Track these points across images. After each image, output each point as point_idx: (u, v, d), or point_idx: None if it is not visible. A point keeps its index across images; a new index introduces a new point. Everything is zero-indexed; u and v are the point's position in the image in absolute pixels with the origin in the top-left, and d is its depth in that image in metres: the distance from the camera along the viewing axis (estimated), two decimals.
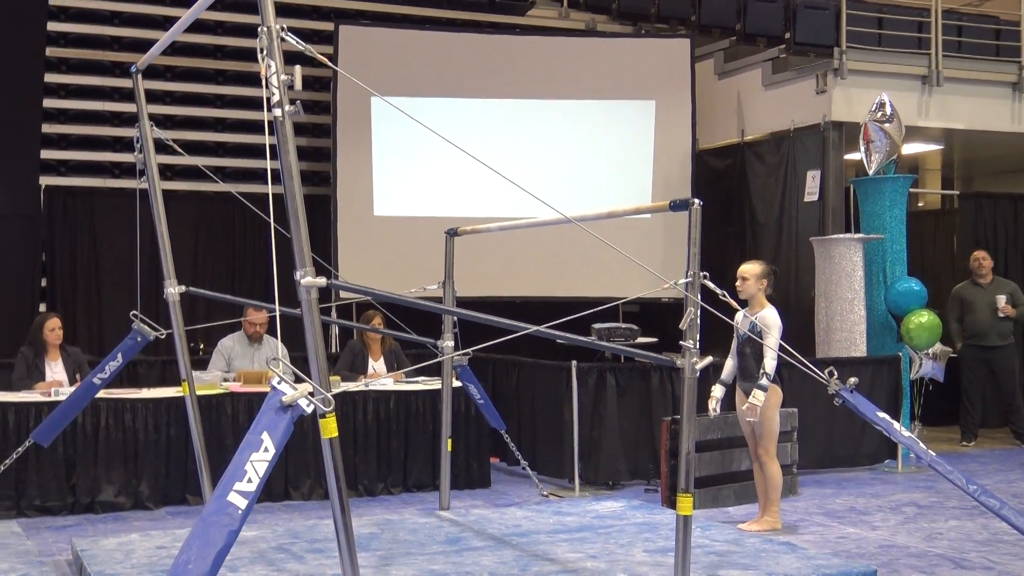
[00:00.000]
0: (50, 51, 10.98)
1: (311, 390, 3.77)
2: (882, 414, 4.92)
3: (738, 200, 12.51)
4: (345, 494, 4.01)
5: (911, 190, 10.99)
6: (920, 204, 15.37)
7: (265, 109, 4.11)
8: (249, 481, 3.50)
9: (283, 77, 4.14)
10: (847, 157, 11.60)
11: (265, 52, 4.11)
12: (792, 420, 8.56)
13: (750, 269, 7.16)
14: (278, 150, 4.15)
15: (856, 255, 10.18)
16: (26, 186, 10.78)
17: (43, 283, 10.93)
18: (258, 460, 3.55)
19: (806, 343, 10.56)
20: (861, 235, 10.35)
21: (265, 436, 3.60)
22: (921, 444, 5.14)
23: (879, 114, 10.38)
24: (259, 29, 4.13)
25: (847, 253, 10.18)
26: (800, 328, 10.99)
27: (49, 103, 10.97)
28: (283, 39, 4.16)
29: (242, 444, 3.59)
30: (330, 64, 4.51)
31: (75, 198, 11.05)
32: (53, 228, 10.95)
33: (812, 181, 11.50)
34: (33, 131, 10.83)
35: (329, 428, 4.00)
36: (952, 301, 11.27)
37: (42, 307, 10.50)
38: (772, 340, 6.74)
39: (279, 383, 3.71)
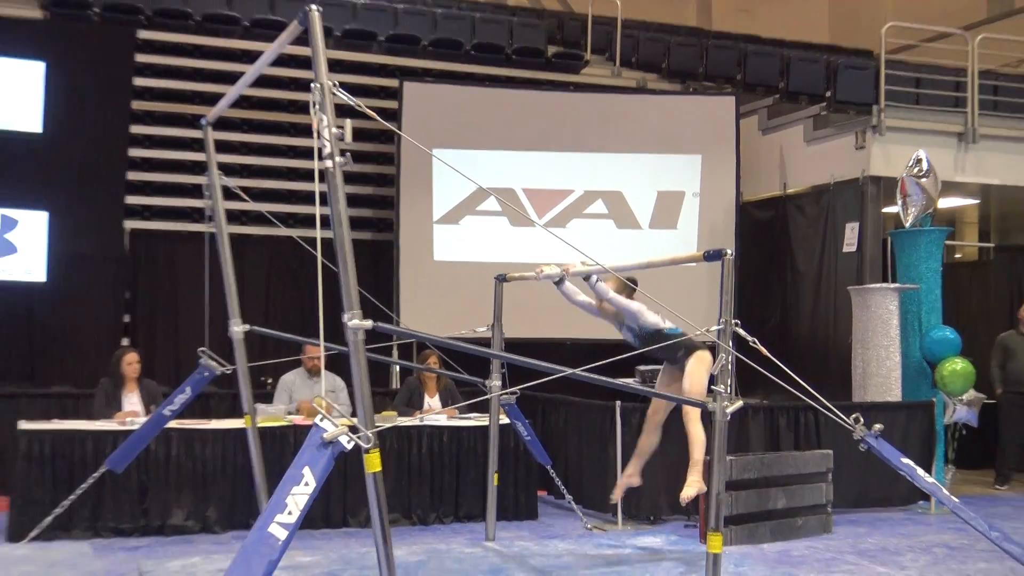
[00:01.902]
0: (136, 104, 11.17)
1: (352, 427, 3.73)
2: (906, 460, 4.79)
3: (780, 250, 12.37)
4: (387, 525, 3.96)
5: (947, 242, 10.80)
6: (957, 256, 15.09)
7: (316, 159, 4.10)
8: (290, 513, 3.47)
9: (334, 130, 4.13)
10: (885, 210, 11.43)
11: (318, 106, 4.11)
12: (827, 461, 8.39)
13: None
14: (328, 198, 4.13)
15: (892, 304, 9.99)
16: (112, 230, 10.94)
17: (126, 319, 11.07)
18: (299, 493, 3.52)
19: (843, 388, 10.39)
20: (897, 285, 10.17)
21: (306, 471, 3.57)
22: (944, 490, 4.99)
23: (916, 169, 10.22)
24: (312, 85, 4.14)
25: (883, 302, 9.99)
26: (837, 373, 10.82)
27: (134, 152, 11.15)
28: (335, 94, 4.16)
29: (284, 478, 3.57)
30: (375, 117, 4.51)
31: (157, 241, 11.21)
32: (136, 269, 11.12)
33: (851, 233, 11.35)
34: (119, 178, 11.01)
35: (372, 463, 3.96)
36: (996, 348, 11.05)
37: (124, 342, 10.61)
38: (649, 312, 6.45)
39: (321, 420, 3.68)
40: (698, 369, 6.39)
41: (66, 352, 10.67)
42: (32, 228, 10.44)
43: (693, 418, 6.51)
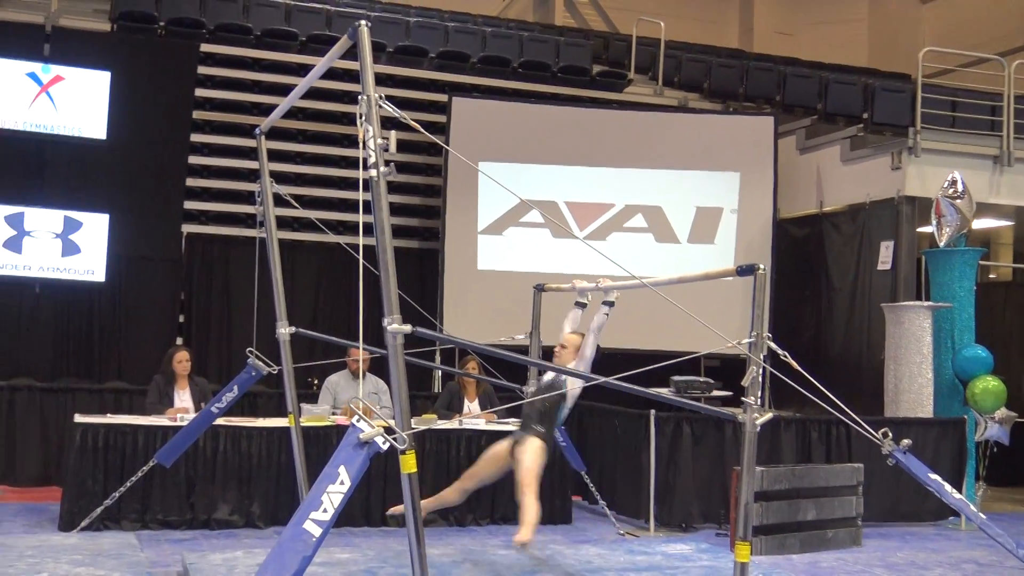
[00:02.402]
0: (196, 114, 11.25)
1: (387, 428, 3.69)
2: (934, 476, 4.67)
3: (815, 267, 12.22)
4: (420, 524, 3.92)
5: (981, 262, 10.60)
6: (991, 276, 14.81)
7: (360, 169, 4.08)
8: (324, 511, 3.44)
9: (379, 140, 4.10)
10: (919, 230, 11.25)
11: (364, 117, 4.09)
12: (858, 474, 8.25)
13: (572, 340, 6.31)
14: (372, 206, 4.10)
15: (925, 321, 9.82)
16: (170, 233, 11.04)
17: (181, 319, 11.15)
18: (334, 492, 3.48)
19: (876, 403, 10.22)
20: (931, 303, 10.01)
21: (342, 470, 3.53)
22: (972, 507, 4.86)
23: (951, 191, 10.05)
24: (359, 97, 4.12)
25: (917, 319, 9.83)
26: (870, 388, 10.65)
27: (194, 160, 11.24)
28: (381, 106, 4.14)
29: (320, 476, 3.53)
30: (420, 129, 4.48)
31: (213, 245, 11.28)
32: (192, 271, 11.21)
33: (885, 251, 11.17)
34: (179, 184, 11.10)
35: (408, 464, 3.92)
36: None
37: (178, 341, 10.68)
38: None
39: (358, 420, 3.64)
40: (537, 452, 6.03)
41: (123, 349, 10.78)
42: (94, 230, 10.54)
43: (528, 492, 5.90)
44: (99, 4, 12.15)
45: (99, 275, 10.56)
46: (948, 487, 4.74)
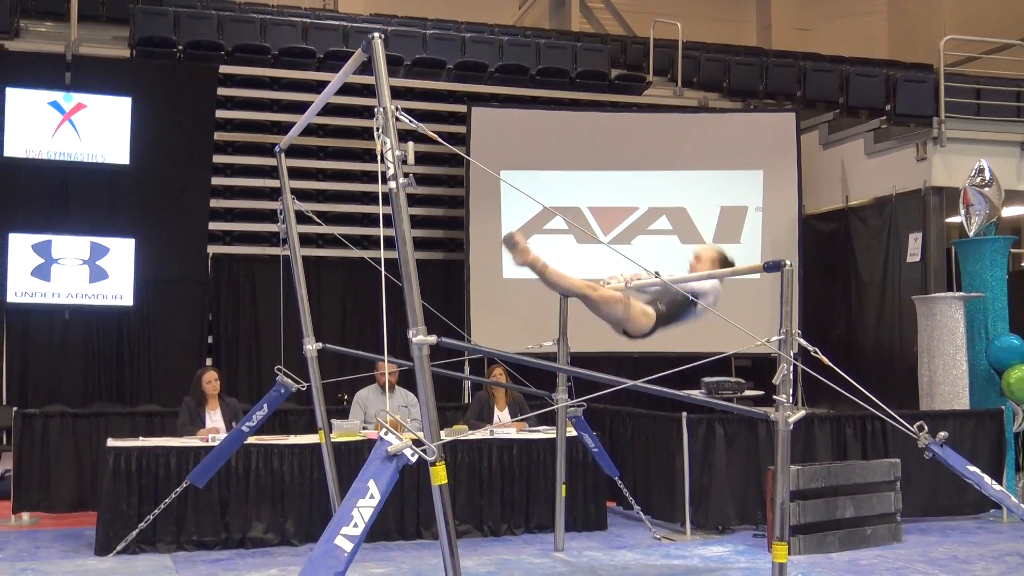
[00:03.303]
0: (218, 135, 11.31)
1: (416, 440, 3.67)
2: (972, 468, 4.59)
3: (843, 261, 12.12)
4: (453, 536, 3.88)
5: (1012, 250, 10.48)
6: (1023, 264, 14.65)
7: (379, 182, 4.06)
8: (355, 526, 3.41)
9: (397, 152, 4.09)
10: (948, 220, 11.13)
11: (381, 130, 4.08)
12: (895, 470, 8.15)
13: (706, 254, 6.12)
14: (393, 219, 4.08)
15: (958, 313, 9.71)
16: (196, 254, 11.11)
17: (209, 340, 11.19)
18: (364, 506, 3.46)
19: (910, 397, 10.11)
20: (962, 294, 9.89)
21: (371, 484, 3.51)
22: (1013, 499, 4.77)
23: (978, 179, 9.94)
24: (376, 110, 4.11)
25: (948, 311, 9.72)
26: (904, 382, 10.54)
27: (217, 180, 11.30)
28: (398, 118, 4.12)
29: (350, 491, 3.51)
30: (439, 140, 4.44)
31: (238, 264, 11.33)
32: (219, 291, 11.26)
33: (914, 243, 11.07)
34: (203, 206, 11.16)
35: (439, 476, 3.89)
36: None
37: (208, 362, 10.72)
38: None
39: (386, 433, 3.62)
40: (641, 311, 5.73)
41: (153, 372, 10.84)
42: (121, 255, 10.61)
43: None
44: (118, 31, 12.26)
45: (127, 299, 10.63)
46: (988, 479, 4.66)
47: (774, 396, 4.72)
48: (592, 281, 6.12)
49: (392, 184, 4.09)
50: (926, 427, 4.63)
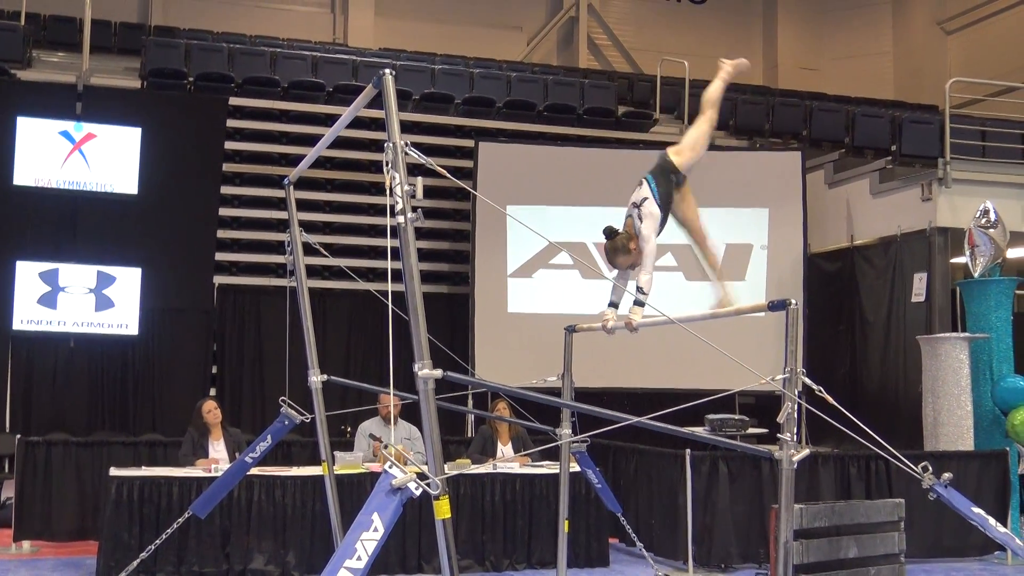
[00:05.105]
0: (226, 167, 11.39)
1: (420, 474, 3.67)
2: (977, 509, 4.57)
3: (848, 300, 12.14)
4: (456, 571, 3.88)
5: (1018, 291, 10.50)
6: None
7: (388, 215, 4.09)
8: (359, 559, 3.41)
9: (406, 187, 4.12)
10: (952, 260, 11.16)
11: (390, 164, 4.11)
12: (899, 510, 8.10)
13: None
14: (400, 253, 4.11)
15: (962, 353, 9.71)
16: (202, 284, 11.14)
17: (214, 370, 11.21)
18: (368, 539, 3.46)
19: (914, 437, 10.09)
20: (967, 334, 9.90)
21: (375, 517, 3.51)
22: (1018, 540, 4.76)
23: (983, 220, 9.97)
24: (385, 144, 4.14)
25: (953, 351, 9.72)
26: (908, 422, 10.53)
27: (224, 211, 11.35)
28: (407, 153, 4.16)
29: (354, 523, 3.51)
30: (446, 175, 4.48)
31: (244, 295, 11.37)
32: (224, 321, 11.30)
33: (919, 283, 11.09)
34: (210, 236, 11.22)
35: (442, 510, 3.89)
36: None
37: (212, 391, 10.73)
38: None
39: (390, 467, 3.63)
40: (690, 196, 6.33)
41: (157, 401, 10.85)
42: (127, 284, 10.65)
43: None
44: (129, 62, 12.39)
45: (132, 328, 10.66)
46: (992, 521, 4.65)
47: (778, 434, 4.71)
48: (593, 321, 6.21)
49: (400, 219, 4.12)
50: (930, 468, 4.62)
